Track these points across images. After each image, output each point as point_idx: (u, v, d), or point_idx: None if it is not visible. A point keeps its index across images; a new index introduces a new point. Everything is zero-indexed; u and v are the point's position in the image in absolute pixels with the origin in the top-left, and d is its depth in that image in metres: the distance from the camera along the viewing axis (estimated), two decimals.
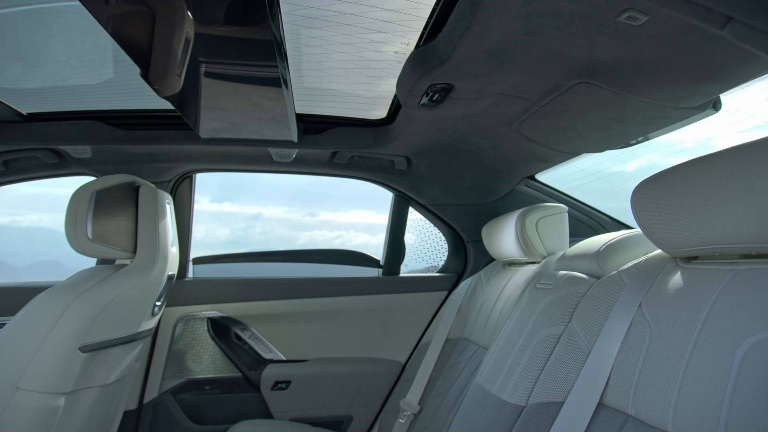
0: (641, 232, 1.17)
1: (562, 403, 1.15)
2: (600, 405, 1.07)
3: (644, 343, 1.02)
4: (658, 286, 1.09)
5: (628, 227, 2.43)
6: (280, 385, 2.36)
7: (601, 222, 2.45)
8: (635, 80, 1.30)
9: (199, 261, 2.47)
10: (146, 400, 2.29)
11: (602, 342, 1.14)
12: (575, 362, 1.19)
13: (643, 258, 1.22)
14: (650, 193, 1.08)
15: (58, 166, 2.20)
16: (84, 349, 1.57)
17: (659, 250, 1.18)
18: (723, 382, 0.82)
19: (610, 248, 1.38)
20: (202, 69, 1.34)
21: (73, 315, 1.55)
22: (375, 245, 2.77)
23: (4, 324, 1.66)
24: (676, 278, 1.06)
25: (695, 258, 1.06)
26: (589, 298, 1.27)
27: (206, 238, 2.53)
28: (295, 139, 1.90)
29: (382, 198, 2.62)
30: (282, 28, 1.25)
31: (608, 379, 1.08)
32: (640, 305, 1.10)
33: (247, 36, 1.20)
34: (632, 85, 1.34)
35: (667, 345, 0.96)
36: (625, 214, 2.48)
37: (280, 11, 1.18)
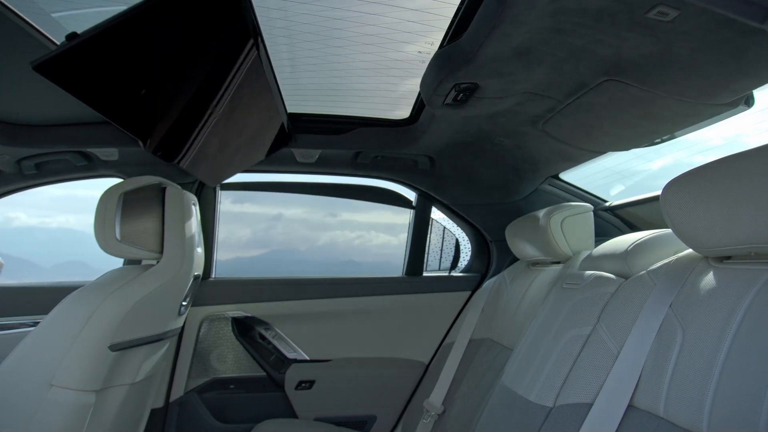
0: (670, 231, 1.15)
1: (590, 405, 1.14)
2: (630, 407, 1.05)
3: (675, 345, 1.01)
4: (689, 286, 1.07)
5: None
6: (304, 384, 2.37)
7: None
8: (664, 77, 1.28)
9: (226, 187, 2.48)
10: (172, 398, 2.33)
11: (632, 343, 1.12)
12: (604, 363, 1.17)
13: (673, 258, 1.20)
14: (681, 191, 1.06)
15: (87, 168, 2.25)
16: (113, 347, 1.60)
17: (690, 250, 1.16)
18: (761, 383, 0.80)
19: (639, 248, 1.36)
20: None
21: (102, 314, 1.58)
22: (396, 245, 2.77)
23: (38, 323, 1.71)
24: (709, 278, 1.03)
25: (728, 258, 1.04)
26: (618, 299, 1.25)
27: (228, 239, 2.55)
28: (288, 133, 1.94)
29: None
30: (257, 22, 1.27)
31: (638, 381, 1.06)
32: (670, 306, 1.08)
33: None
34: (661, 82, 1.31)
35: (701, 346, 0.94)
36: None
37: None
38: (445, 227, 2.67)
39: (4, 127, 1.85)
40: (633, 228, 2.30)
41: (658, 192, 1.94)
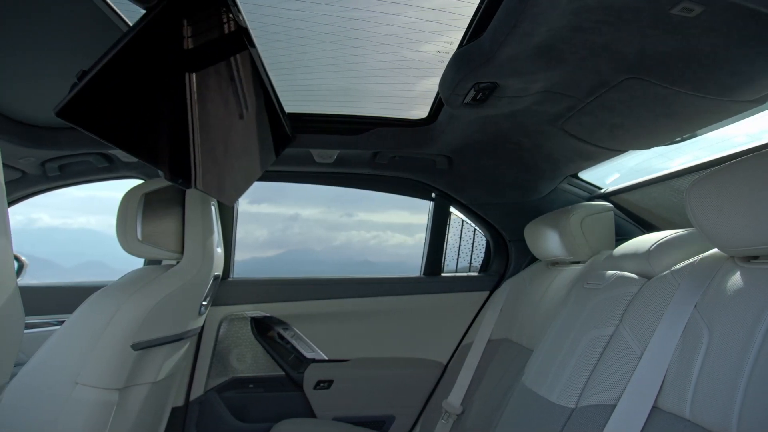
0: (694, 230, 1.13)
1: (613, 406, 1.13)
2: (654, 408, 1.04)
3: (701, 346, 0.99)
4: (715, 286, 1.06)
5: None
6: (323, 384, 2.38)
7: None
8: (687, 74, 1.26)
9: None
10: (192, 397, 2.35)
11: (655, 344, 1.11)
12: (627, 364, 1.16)
13: (698, 257, 1.18)
14: (707, 190, 1.04)
15: (108, 169, 2.28)
16: (136, 346, 1.62)
17: (715, 249, 1.14)
18: None
19: (662, 247, 1.34)
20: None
21: (125, 314, 1.60)
22: (412, 245, 2.76)
23: (62, 322, 1.74)
24: (735, 278, 1.02)
25: (755, 258, 1.02)
26: (641, 299, 1.24)
27: (245, 239, 2.57)
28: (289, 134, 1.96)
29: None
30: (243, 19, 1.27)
31: (663, 382, 1.05)
32: (695, 306, 1.07)
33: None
34: (684, 80, 1.29)
35: (728, 348, 0.93)
36: None
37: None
38: (475, 229, 2.67)
39: (30, 130, 1.88)
40: (630, 215, 2.28)
41: (652, 175, 1.94)
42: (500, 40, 1.18)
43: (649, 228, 2.28)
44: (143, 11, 1.01)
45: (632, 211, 2.24)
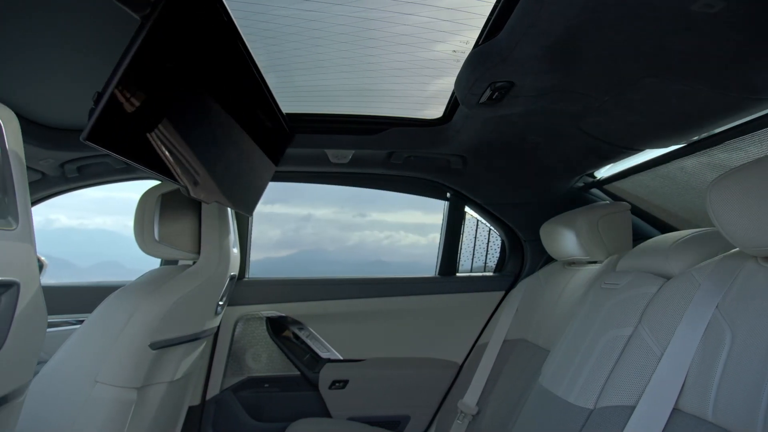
0: (714, 229, 1.12)
1: (633, 407, 1.12)
2: (675, 410, 1.03)
3: (724, 347, 0.98)
4: (737, 287, 1.04)
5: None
6: (338, 384, 2.39)
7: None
8: (708, 71, 1.24)
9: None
10: (209, 396, 2.37)
11: (676, 344, 1.10)
12: (646, 365, 1.15)
13: (719, 257, 1.17)
14: (729, 189, 1.03)
15: (126, 170, 2.31)
16: (154, 345, 1.63)
17: (736, 249, 1.13)
18: None
19: (681, 247, 1.32)
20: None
21: (143, 313, 1.61)
22: (425, 245, 2.76)
23: (81, 321, 1.76)
24: (759, 279, 1.00)
25: None
26: (660, 299, 1.23)
27: (258, 239, 2.59)
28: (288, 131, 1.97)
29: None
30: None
31: (683, 383, 1.04)
32: (717, 306, 1.06)
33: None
34: (704, 77, 1.28)
35: (752, 349, 0.92)
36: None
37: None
38: (490, 228, 2.66)
39: (49, 132, 1.91)
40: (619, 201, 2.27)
41: (640, 160, 1.91)
42: (517, 39, 1.17)
43: (650, 219, 2.26)
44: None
45: (630, 201, 2.22)
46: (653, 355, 1.15)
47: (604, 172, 2.29)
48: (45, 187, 2.30)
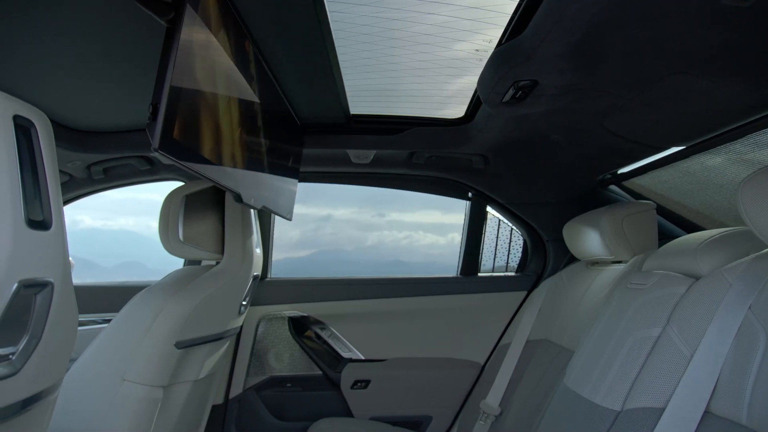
0: (745, 228, 1.09)
1: (662, 410, 1.10)
2: (707, 413, 1.01)
3: (758, 349, 0.96)
4: None
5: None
6: (360, 384, 2.39)
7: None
8: (737, 67, 1.22)
9: None
10: (232, 395, 2.39)
11: (707, 346, 1.08)
12: (676, 366, 1.13)
13: (751, 257, 1.14)
14: (761, 187, 1.01)
15: (150, 172, 2.34)
16: (179, 345, 1.66)
17: None
18: None
19: (711, 246, 1.30)
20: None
21: (169, 313, 1.63)
22: (443, 245, 2.75)
23: (108, 320, 1.79)
24: None
25: None
26: (690, 299, 1.21)
27: (278, 239, 2.61)
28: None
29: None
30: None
31: (715, 386, 1.02)
32: (750, 307, 1.03)
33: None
34: (733, 73, 1.25)
35: None
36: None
37: None
38: (512, 228, 2.65)
39: (76, 135, 1.95)
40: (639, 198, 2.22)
41: (663, 154, 1.87)
42: (542, 37, 1.16)
43: (671, 216, 2.22)
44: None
45: (649, 198, 2.18)
46: (682, 356, 1.13)
47: (622, 169, 2.26)
48: (72, 188, 2.35)
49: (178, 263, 2.38)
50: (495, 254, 2.65)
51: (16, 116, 0.78)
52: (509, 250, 2.67)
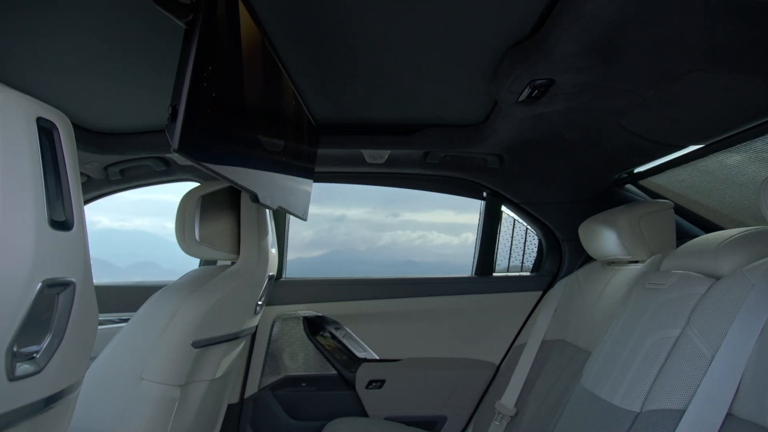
0: (763, 228, 1.08)
1: (683, 411, 1.09)
2: (729, 416, 1.00)
3: None
4: None
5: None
6: (374, 384, 2.39)
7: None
8: (760, 63, 1.20)
9: None
10: (247, 394, 2.41)
11: (728, 347, 1.06)
12: (696, 367, 1.12)
13: None
14: None
15: (166, 173, 2.36)
16: (196, 344, 1.67)
17: None
18: None
19: (731, 245, 1.28)
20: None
21: (185, 313, 1.65)
22: (457, 245, 2.74)
23: (125, 320, 1.81)
24: None
25: None
26: (710, 300, 1.19)
27: (291, 239, 2.62)
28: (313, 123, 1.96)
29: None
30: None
31: (737, 388, 1.00)
32: None
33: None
34: (755, 69, 1.23)
35: None
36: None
37: None
38: (527, 228, 2.63)
39: (94, 136, 1.97)
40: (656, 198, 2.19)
41: (680, 153, 1.85)
42: (559, 36, 1.15)
43: (688, 216, 2.19)
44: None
45: (666, 197, 2.16)
46: (703, 357, 1.11)
47: (638, 168, 2.24)
48: (90, 189, 2.38)
49: (191, 263, 2.40)
50: (510, 254, 2.64)
51: (39, 118, 0.79)
52: (524, 250, 2.65)
